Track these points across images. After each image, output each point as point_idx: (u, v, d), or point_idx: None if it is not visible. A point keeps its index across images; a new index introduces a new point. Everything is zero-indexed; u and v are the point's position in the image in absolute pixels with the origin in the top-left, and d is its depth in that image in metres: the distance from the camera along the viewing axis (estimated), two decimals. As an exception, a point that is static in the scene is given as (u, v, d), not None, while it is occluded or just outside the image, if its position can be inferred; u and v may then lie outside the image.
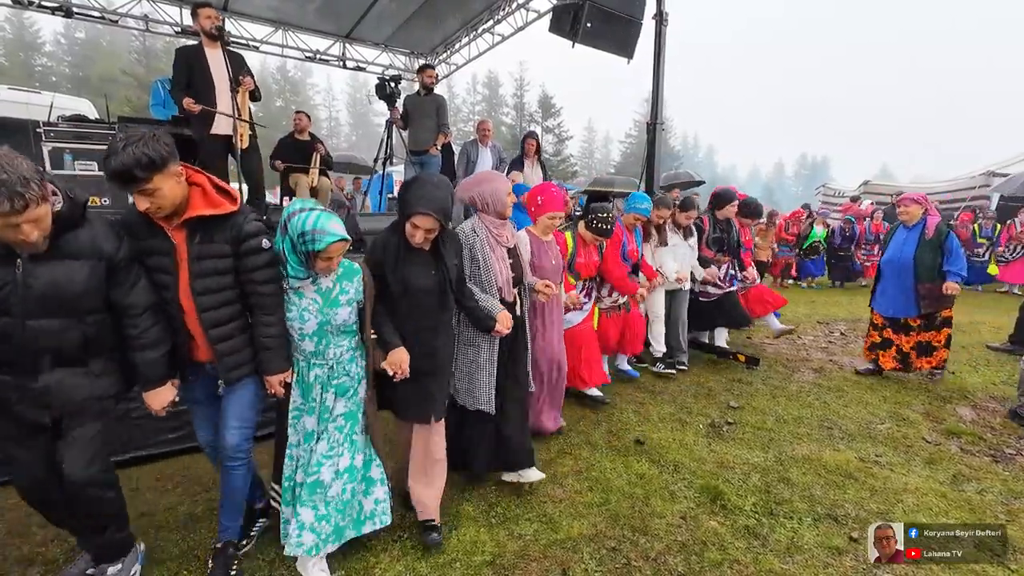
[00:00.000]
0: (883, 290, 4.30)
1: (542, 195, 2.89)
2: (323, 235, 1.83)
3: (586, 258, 3.52)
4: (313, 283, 1.97)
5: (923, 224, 4.11)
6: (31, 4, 6.71)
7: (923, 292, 4.02)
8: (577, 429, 3.34)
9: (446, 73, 10.51)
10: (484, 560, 2.12)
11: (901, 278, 4.12)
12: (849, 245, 9.97)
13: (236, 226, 1.83)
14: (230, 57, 3.92)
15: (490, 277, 2.46)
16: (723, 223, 4.80)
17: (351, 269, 2.06)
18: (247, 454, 2.02)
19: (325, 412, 2.04)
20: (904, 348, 4.20)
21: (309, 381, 2.03)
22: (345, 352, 2.06)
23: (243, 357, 1.94)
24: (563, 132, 45.29)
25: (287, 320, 1.96)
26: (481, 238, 2.48)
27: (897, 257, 4.17)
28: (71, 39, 39.42)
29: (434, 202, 2.04)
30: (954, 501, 2.58)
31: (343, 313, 1.99)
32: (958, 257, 3.96)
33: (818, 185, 18.52)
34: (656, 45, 5.87)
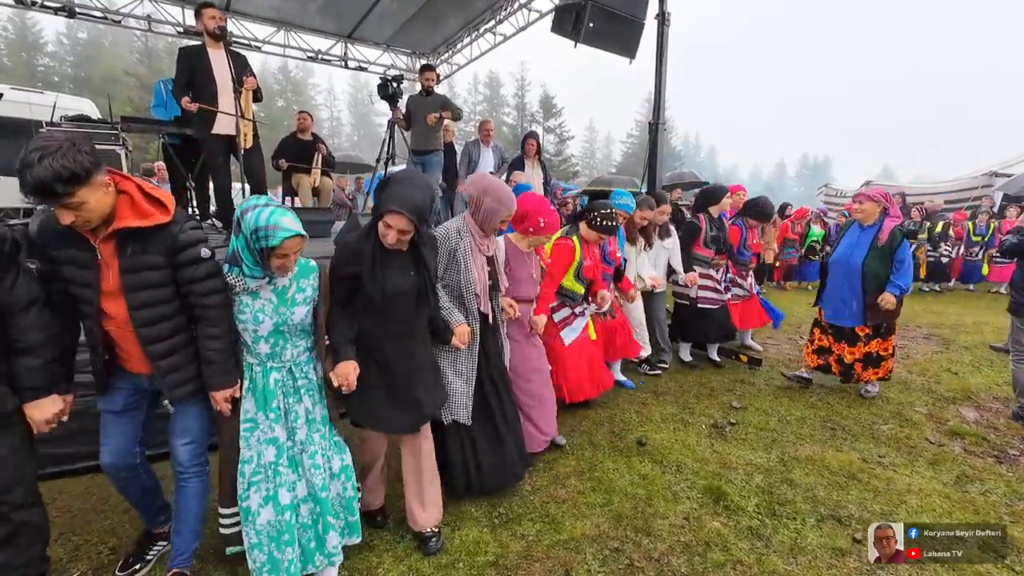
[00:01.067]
0: (829, 292, 3.88)
1: (544, 218, 2.65)
2: (277, 231, 1.72)
3: (592, 260, 3.40)
4: (269, 283, 1.86)
5: (879, 227, 3.65)
6: (34, 4, 6.73)
7: (870, 302, 3.62)
8: (579, 430, 3.33)
9: (448, 73, 10.52)
10: (487, 560, 2.12)
11: (848, 283, 3.72)
12: None
13: (171, 236, 1.71)
14: (233, 57, 3.92)
15: (469, 282, 2.39)
16: (717, 221, 4.59)
17: (307, 267, 1.97)
18: (201, 467, 1.96)
19: (309, 416, 1.96)
20: (847, 359, 3.81)
21: (269, 387, 1.89)
22: (302, 354, 1.97)
23: (188, 373, 1.84)
24: (564, 132, 45.31)
25: (240, 323, 1.85)
26: (466, 242, 2.40)
27: (845, 259, 3.74)
28: (73, 39, 39.51)
29: (408, 201, 1.93)
30: (957, 502, 2.57)
31: (300, 312, 1.89)
32: (908, 270, 3.58)
33: (820, 185, 18.49)
34: (658, 45, 5.87)
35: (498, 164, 6.24)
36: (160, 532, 2.15)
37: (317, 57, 9.36)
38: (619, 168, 47.32)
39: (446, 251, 2.38)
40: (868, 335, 3.74)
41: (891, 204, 3.70)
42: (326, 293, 2.00)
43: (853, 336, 3.79)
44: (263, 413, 1.89)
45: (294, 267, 1.88)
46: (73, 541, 2.21)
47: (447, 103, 5.93)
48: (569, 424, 3.40)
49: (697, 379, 4.33)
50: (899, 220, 3.73)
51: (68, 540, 2.21)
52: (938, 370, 4.66)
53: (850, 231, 3.86)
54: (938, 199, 11.74)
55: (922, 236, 9.48)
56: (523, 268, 2.77)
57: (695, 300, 4.44)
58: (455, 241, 2.39)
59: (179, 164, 5.11)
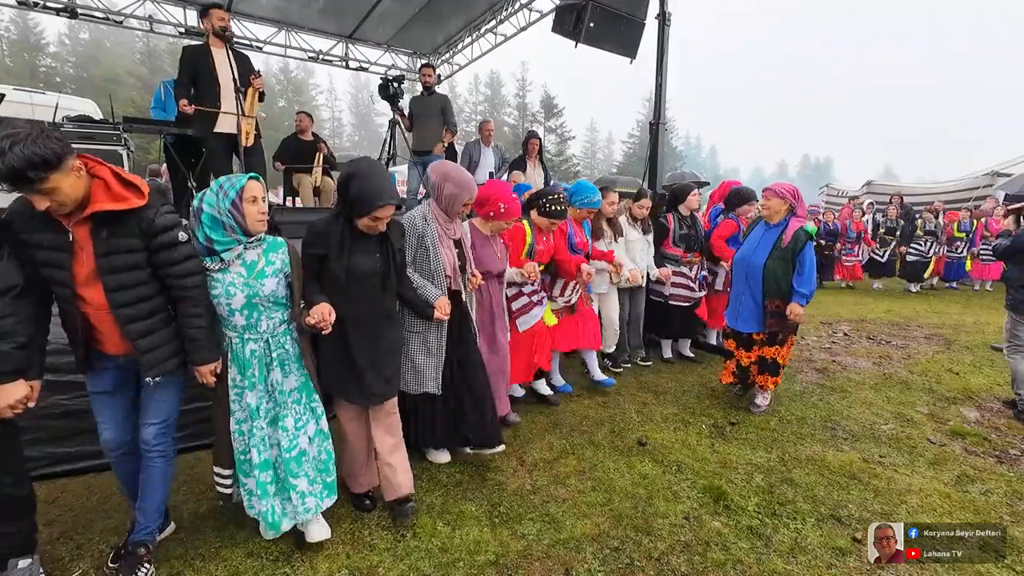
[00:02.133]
0: (731, 293, 3.70)
1: (504, 203, 2.79)
2: (237, 177, 1.92)
3: (545, 244, 3.44)
4: (239, 257, 1.97)
5: (784, 226, 3.40)
6: (36, 5, 6.75)
7: (771, 309, 3.37)
8: (580, 429, 3.34)
9: (449, 73, 10.53)
10: (487, 560, 2.12)
11: (748, 285, 3.47)
12: (833, 241, 9.76)
13: (146, 220, 1.76)
14: (236, 57, 3.93)
15: (439, 266, 2.52)
16: (687, 219, 4.54)
17: (276, 243, 2.08)
18: (166, 447, 2.01)
19: (278, 389, 2.07)
20: (744, 363, 3.63)
21: (245, 357, 2.02)
22: (278, 325, 2.07)
23: (168, 351, 1.90)
24: (566, 132, 45.37)
25: (214, 298, 1.95)
26: (432, 228, 2.54)
27: (747, 258, 3.49)
28: (75, 40, 39.63)
29: (391, 191, 2.10)
30: (958, 502, 2.57)
31: (270, 284, 1.99)
32: (810, 275, 3.31)
33: (821, 185, 18.48)
34: (659, 45, 5.88)
35: (499, 164, 6.25)
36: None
37: (318, 57, 9.37)
38: (620, 168, 47.29)
39: (414, 237, 2.51)
40: (763, 340, 3.51)
41: (799, 202, 3.45)
42: (299, 272, 2.10)
43: (749, 340, 3.58)
44: (242, 380, 2.04)
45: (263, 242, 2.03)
46: (75, 540, 2.21)
47: (446, 106, 5.94)
48: (569, 424, 3.41)
49: (698, 379, 4.33)
50: (804, 220, 3.50)
51: (70, 539, 2.22)
52: (939, 370, 4.66)
53: (755, 229, 3.59)
54: (939, 199, 11.73)
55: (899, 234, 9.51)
56: (487, 249, 2.90)
57: (667, 297, 4.43)
58: (422, 227, 2.53)
59: (180, 164, 5.12)
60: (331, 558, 2.11)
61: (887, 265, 9.66)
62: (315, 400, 2.18)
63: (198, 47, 3.96)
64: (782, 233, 3.37)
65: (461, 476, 2.76)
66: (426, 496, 2.56)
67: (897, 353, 5.23)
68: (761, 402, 3.63)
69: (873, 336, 5.93)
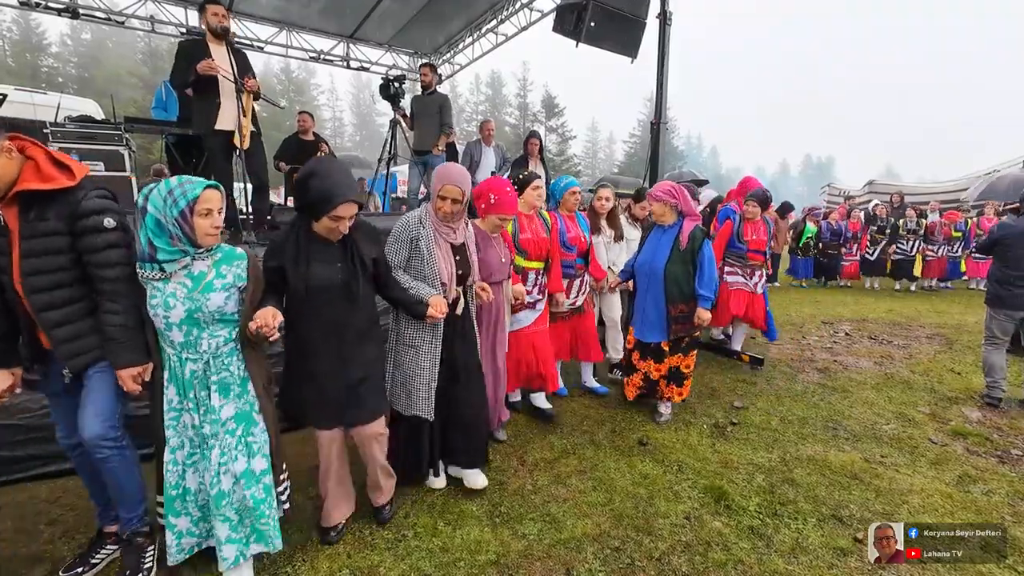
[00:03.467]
0: (636, 303, 3.52)
1: (495, 194, 2.63)
2: (192, 183, 1.68)
3: (533, 234, 3.21)
4: (184, 268, 1.76)
5: (678, 228, 3.29)
6: (38, 5, 6.76)
7: (674, 314, 3.26)
8: (581, 429, 3.34)
9: (450, 73, 10.54)
10: (488, 559, 2.12)
11: (651, 292, 3.32)
12: (837, 241, 9.78)
13: (73, 202, 1.69)
14: (235, 55, 3.91)
15: (434, 271, 2.35)
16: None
17: (232, 254, 1.87)
18: (115, 442, 1.88)
19: (212, 414, 1.83)
20: (653, 376, 3.45)
21: (186, 377, 1.82)
22: (223, 344, 1.84)
23: (86, 344, 1.79)
24: (567, 132, 45.37)
25: (151, 308, 1.74)
26: (428, 230, 2.37)
27: (648, 264, 3.34)
28: (77, 40, 39.69)
29: (352, 187, 1.96)
30: (960, 502, 2.57)
31: (216, 299, 1.77)
32: (711, 275, 3.24)
33: (823, 185, 18.46)
34: (660, 44, 5.87)
35: (499, 164, 6.25)
36: (110, 532, 2.10)
37: (319, 57, 9.38)
38: (621, 168, 47.28)
39: (407, 239, 2.36)
40: (670, 349, 3.39)
41: (683, 200, 3.28)
42: (258, 287, 1.90)
43: (659, 351, 3.40)
44: (185, 402, 1.84)
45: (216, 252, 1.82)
46: (76, 539, 2.22)
47: (444, 106, 5.93)
48: (570, 424, 3.41)
49: (699, 379, 4.32)
50: (699, 219, 3.40)
51: (71, 538, 2.22)
52: (941, 370, 4.65)
53: (652, 234, 3.44)
54: (939, 199, 11.71)
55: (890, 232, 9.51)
56: (492, 252, 2.74)
57: None
58: (416, 229, 2.36)
59: (182, 164, 5.13)
60: (332, 557, 2.12)
61: (877, 264, 9.68)
62: (254, 434, 1.90)
63: (196, 42, 3.90)
64: (678, 235, 3.27)
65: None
66: (427, 496, 2.57)
67: (899, 353, 5.22)
68: (664, 410, 3.50)
69: (875, 336, 5.93)
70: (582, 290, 3.62)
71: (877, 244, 9.61)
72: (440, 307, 2.26)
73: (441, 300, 2.28)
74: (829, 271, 9.90)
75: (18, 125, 6.21)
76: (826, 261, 9.91)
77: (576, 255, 3.53)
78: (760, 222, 4.59)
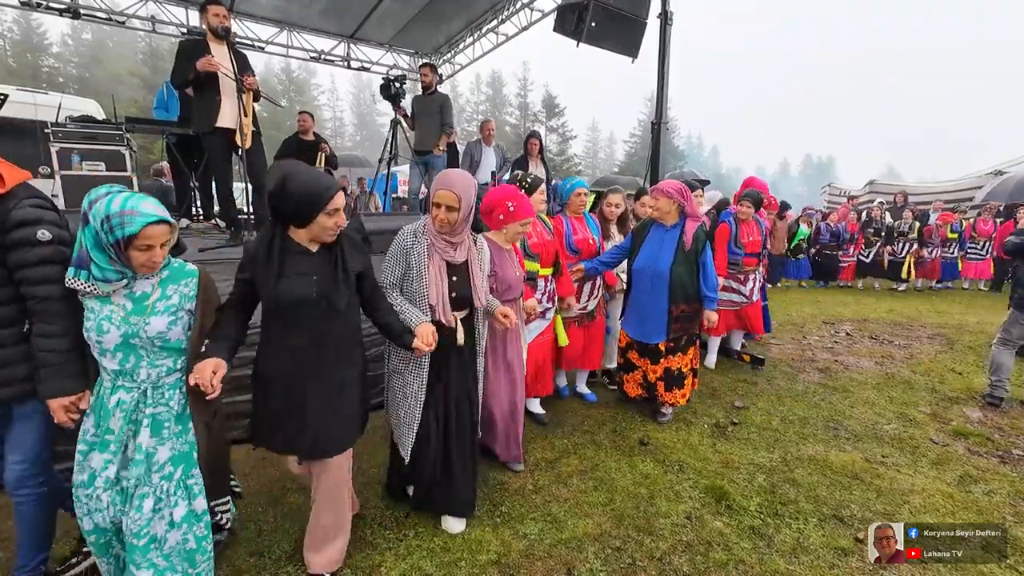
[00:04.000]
0: (633, 304, 3.41)
1: (512, 201, 2.48)
2: (135, 216, 1.45)
3: (539, 238, 3.10)
4: (126, 286, 1.57)
5: (681, 228, 3.23)
6: (39, 5, 6.77)
7: (676, 314, 3.21)
8: (582, 429, 3.34)
9: (450, 73, 10.54)
10: (489, 559, 2.12)
11: (655, 293, 3.23)
12: (836, 242, 9.73)
13: (3, 212, 1.52)
14: (235, 55, 3.91)
15: (421, 290, 2.11)
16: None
17: (181, 271, 1.69)
18: (34, 487, 1.74)
19: (139, 454, 1.60)
20: (651, 377, 3.40)
21: (108, 406, 1.59)
22: (166, 375, 1.64)
23: (15, 373, 1.61)
24: (567, 132, 45.37)
25: (85, 330, 1.56)
26: (422, 244, 2.15)
27: (650, 266, 3.24)
28: (78, 40, 39.73)
29: (332, 177, 1.85)
30: (961, 502, 2.57)
31: (158, 324, 1.58)
32: (713, 275, 3.27)
33: (823, 185, 18.45)
34: (660, 44, 5.87)
35: (500, 164, 6.26)
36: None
37: (320, 57, 9.39)
38: (622, 168, 47.27)
39: (401, 253, 2.15)
40: (667, 349, 3.32)
41: (687, 201, 3.24)
42: (210, 307, 1.74)
43: (656, 352, 3.34)
44: (101, 436, 1.61)
45: (162, 270, 1.64)
46: (78, 537, 2.22)
47: (445, 106, 5.94)
48: (571, 423, 3.41)
49: (700, 379, 4.31)
50: (700, 220, 3.35)
51: (73, 537, 2.22)
52: (942, 370, 4.65)
53: (652, 234, 3.32)
54: (940, 198, 11.71)
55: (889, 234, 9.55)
56: (509, 267, 2.55)
57: None
58: (409, 242, 2.15)
59: (183, 164, 5.14)
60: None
61: (873, 265, 9.70)
62: (193, 476, 1.71)
63: (196, 42, 3.91)
64: (681, 235, 3.21)
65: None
66: (428, 495, 2.56)
67: (900, 353, 5.21)
68: (667, 411, 3.48)
69: (875, 336, 5.92)
70: (594, 294, 3.54)
71: (872, 246, 9.63)
72: (427, 338, 1.98)
73: (430, 330, 2.01)
74: (827, 273, 9.90)
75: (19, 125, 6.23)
76: (823, 262, 9.90)
77: (582, 258, 3.45)
78: (753, 223, 4.49)
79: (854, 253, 9.80)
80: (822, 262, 9.86)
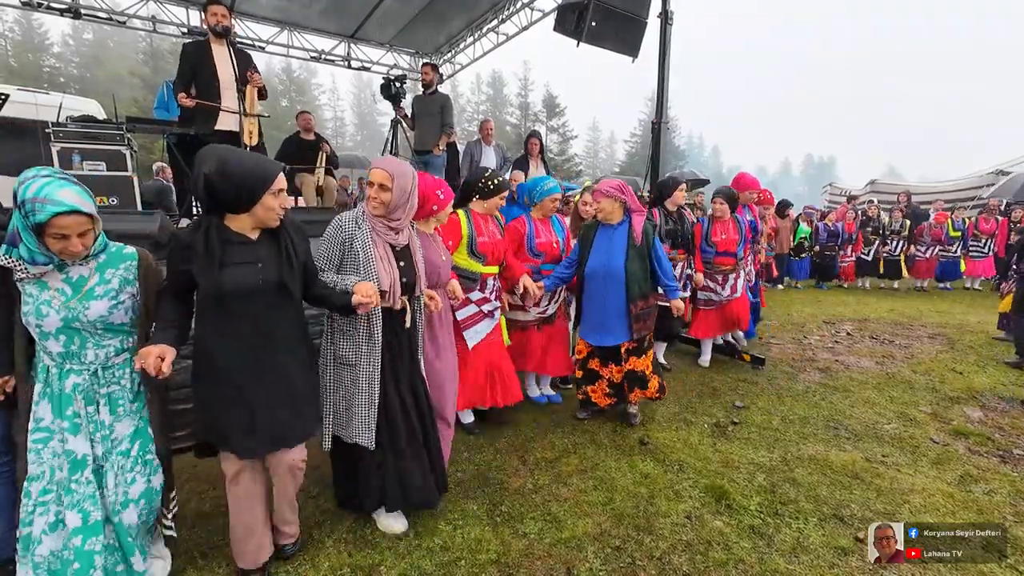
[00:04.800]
0: (589, 310, 3.27)
1: (442, 190, 2.45)
2: (45, 204, 1.44)
3: (490, 237, 3.05)
4: (61, 271, 1.59)
5: (628, 225, 3.19)
6: (40, 5, 6.77)
7: (635, 312, 3.14)
8: (582, 428, 3.34)
9: (451, 73, 10.54)
10: (489, 559, 2.13)
11: (611, 295, 3.16)
12: (835, 242, 9.76)
13: None
14: (237, 55, 3.92)
15: (370, 278, 2.05)
16: (675, 214, 4.19)
17: (120, 255, 1.70)
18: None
19: (101, 430, 1.65)
20: (615, 379, 3.32)
21: (65, 391, 1.62)
22: (115, 355, 1.69)
23: None
24: (568, 131, 45.34)
25: (24, 315, 1.57)
26: (365, 230, 2.09)
27: (604, 267, 3.16)
28: (79, 40, 39.79)
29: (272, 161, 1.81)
30: (961, 502, 2.56)
31: (98, 308, 1.61)
32: (668, 265, 3.25)
33: (824, 184, 18.43)
34: (661, 44, 5.86)
35: (500, 163, 6.26)
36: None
37: (320, 57, 9.38)
38: (623, 167, 47.27)
39: (339, 241, 2.08)
40: (629, 351, 3.24)
41: (630, 196, 3.19)
42: (154, 288, 1.74)
43: (618, 355, 3.28)
44: (59, 421, 1.62)
45: (99, 254, 1.65)
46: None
47: (446, 106, 5.93)
48: (571, 423, 3.41)
49: (700, 378, 4.32)
50: (643, 213, 3.30)
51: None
52: (943, 369, 4.64)
53: (599, 236, 3.24)
54: (942, 198, 11.69)
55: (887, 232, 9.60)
56: (434, 252, 2.48)
57: None
58: (351, 230, 2.08)
59: (183, 164, 5.13)
60: (332, 555, 2.12)
61: (872, 264, 9.72)
62: (150, 451, 1.76)
63: (198, 43, 3.94)
64: (630, 232, 3.16)
65: (463, 475, 2.76)
66: (428, 495, 2.56)
67: (900, 352, 5.21)
68: (635, 411, 3.42)
69: (876, 335, 5.91)
70: (555, 298, 3.48)
71: (871, 244, 9.66)
72: (367, 290, 1.92)
73: (369, 285, 1.95)
74: (826, 272, 9.90)
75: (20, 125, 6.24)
76: (821, 262, 9.90)
77: (545, 261, 3.39)
78: (730, 221, 4.36)
79: (853, 253, 9.81)
80: (821, 263, 9.86)
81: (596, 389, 3.40)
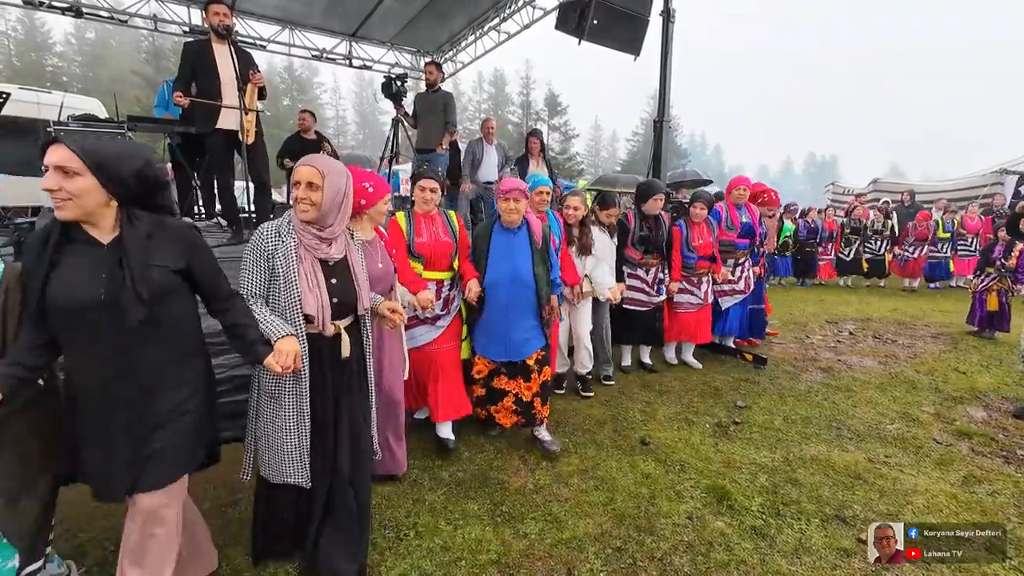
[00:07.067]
0: (490, 323, 2.93)
1: (370, 181, 2.18)
2: None
3: (431, 237, 2.85)
4: None
5: (526, 227, 2.94)
6: (42, 4, 6.78)
7: (545, 317, 2.96)
8: (583, 428, 3.33)
9: (452, 71, 10.52)
10: (489, 559, 2.12)
11: (521, 303, 2.89)
12: (814, 239, 9.76)
13: None
14: (238, 54, 3.91)
15: (292, 301, 1.73)
16: (651, 220, 4.14)
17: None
18: None
19: None
20: (525, 396, 2.98)
21: None
22: None
23: None
24: (569, 130, 45.30)
25: None
26: (288, 243, 1.77)
27: (510, 273, 2.85)
28: (81, 39, 39.87)
29: (97, 150, 1.41)
30: (964, 503, 2.55)
31: None
32: (557, 263, 3.11)
33: (826, 184, 18.37)
34: (663, 42, 5.84)
35: (502, 162, 6.24)
36: None
37: (322, 56, 9.38)
38: (624, 166, 47.17)
39: (259, 254, 1.78)
40: (540, 360, 2.99)
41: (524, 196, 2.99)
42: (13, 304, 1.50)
43: (527, 369, 2.97)
44: None
45: None
46: (79, 538, 2.22)
47: (448, 104, 5.91)
48: (572, 423, 3.40)
49: (701, 378, 4.31)
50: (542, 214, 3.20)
51: (74, 536, 2.23)
52: (946, 369, 4.62)
53: (495, 241, 2.92)
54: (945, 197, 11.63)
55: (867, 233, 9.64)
56: (373, 261, 2.22)
57: (622, 301, 3.97)
58: (272, 244, 1.77)
59: (184, 163, 5.14)
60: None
61: (854, 263, 9.78)
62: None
63: (199, 42, 3.93)
64: (531, 235, 2.94)
65: (463, 475, 2.76)
66: (428, 495, 2.56)
67: (903, 352, 5.19)
68: (547, 436, 3.07)
69: (879, 335, 5.89)
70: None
71: (851, 244, 9.69)
72: (284, 358, 1.61)
73: (292, 347, 1.65)
74: (806, 270, 9.93)
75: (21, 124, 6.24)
76: (802, 259, 9.91)
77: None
78: (704, 224, 4.34)
79: (831, 251, 9.86)
80: (801, 259, 9.90)
81: (501, 409, 3.03)
